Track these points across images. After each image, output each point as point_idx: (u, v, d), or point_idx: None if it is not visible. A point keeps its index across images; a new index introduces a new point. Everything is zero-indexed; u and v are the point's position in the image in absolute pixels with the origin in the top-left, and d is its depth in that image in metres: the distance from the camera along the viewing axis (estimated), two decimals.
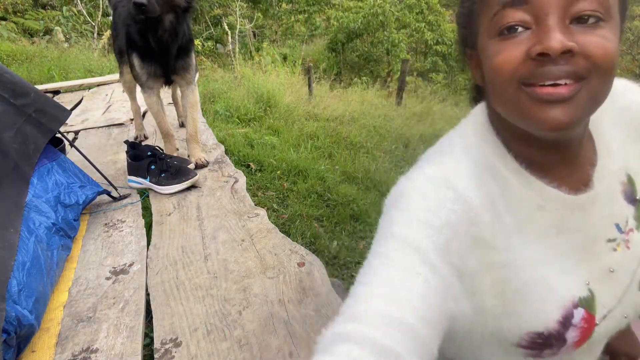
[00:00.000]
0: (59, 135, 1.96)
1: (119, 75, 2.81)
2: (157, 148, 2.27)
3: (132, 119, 3.08)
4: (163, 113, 2.41)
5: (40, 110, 1.77)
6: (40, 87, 4.04)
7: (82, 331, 1.31)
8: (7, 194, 1.48)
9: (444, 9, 13.03)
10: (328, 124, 5.39)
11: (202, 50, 8.88)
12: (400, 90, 8.30)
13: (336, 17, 11.99)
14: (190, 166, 2.27)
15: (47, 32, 9.24)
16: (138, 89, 2.46)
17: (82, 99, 3.87)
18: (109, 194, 2.01)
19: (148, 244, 1.74)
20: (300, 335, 1.25)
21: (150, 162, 2.15)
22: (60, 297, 1.45)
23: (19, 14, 10.53)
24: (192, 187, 2.14)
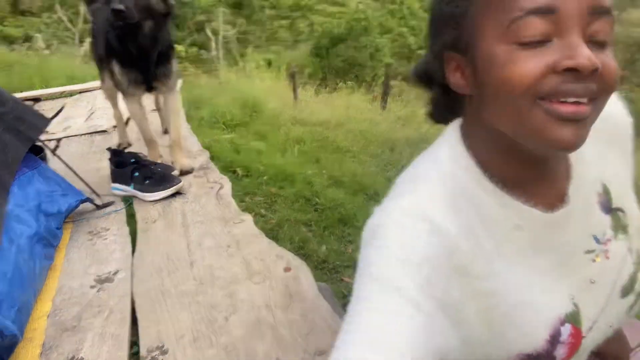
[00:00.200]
0: (39, 143, 1.94)
1: (100, 82, 2.79)
2: (141, 155, 2.25)
3: (115, 126, 3.05)
4: (145, 120, 2.40)
5: (18, 118, 1.75)
6: (20, 95, 3.98)
7: (67, 340, 1.30)
8: None
9: (426, 14, 13.17)
10: (314, 129, 5.39)
11: (186, 57, 8.86)
12: (385, 94, 8.35)
13: (319, 22, 12.05)
14: (175, 173, 2.26)
15: (27, 39, 9.12)
16: (120, 95, 2.44)
17: (63, 106, 3.83)
18: (92, 202, 1.99)
19: (133, 251, 1.72)
20: (287, 340, 1.25)
21: (133, 169, 2.13)
22: (44, 307, 1.43)
23: None
24: (177, 193, 2.13)
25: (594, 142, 0.62)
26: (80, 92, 4.17)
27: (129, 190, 2.13)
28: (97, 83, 3.99)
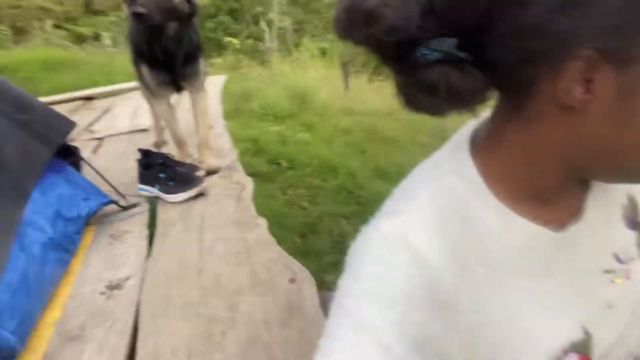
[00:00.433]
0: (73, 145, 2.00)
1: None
2: (169, 156, 2.26)
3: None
4: (174, 120, 2.41)
5: (45, 124, 1.80)
6: (72, 94, 4.18)
7: (69, 351, 1.30)
8: (3, 213, 1.49)
9: None
10: (363, 118, 5.27)
11: (241, 49, 8.98)
12: None
13: None
14: (201, 173, 2.24)
15: (97, 37, 9.63)
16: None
17: (108, 107, 3.96)
18: (116, 203, 2.01)
19: (149, 255, 1.72)
20: None
21: (159, 170, 2.14)
22: (53, 313, 1.45)
23: (71, 22, 11.07)
24: (200, 194, 2.11)
25: None
26: (130, 90, 4.30)
27: (154, 191, 2.15)
28: None
